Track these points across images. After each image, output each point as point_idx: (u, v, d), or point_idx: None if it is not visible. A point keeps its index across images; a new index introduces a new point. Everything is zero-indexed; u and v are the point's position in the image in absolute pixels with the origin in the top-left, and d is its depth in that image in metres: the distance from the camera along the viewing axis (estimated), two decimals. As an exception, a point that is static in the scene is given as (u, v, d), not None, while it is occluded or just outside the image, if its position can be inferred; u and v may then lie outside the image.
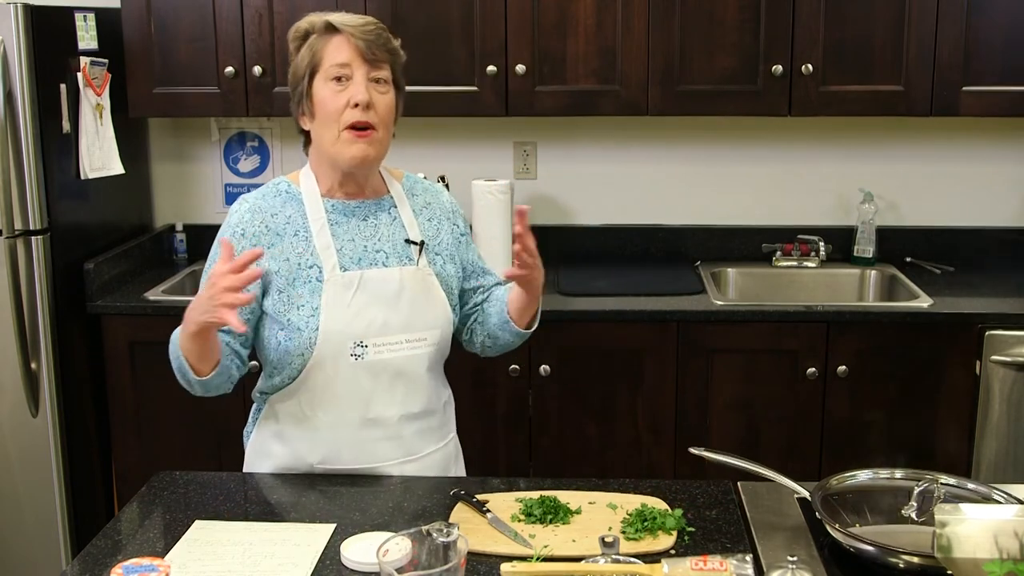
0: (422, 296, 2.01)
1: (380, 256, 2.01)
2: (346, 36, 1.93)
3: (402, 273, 2.00)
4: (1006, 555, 1.38)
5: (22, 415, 3.09)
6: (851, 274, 3.52)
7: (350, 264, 1.98)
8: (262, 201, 2.01)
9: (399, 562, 1.47)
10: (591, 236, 3.69)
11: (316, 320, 1.94)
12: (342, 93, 1.92)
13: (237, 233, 1.97)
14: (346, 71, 1.93)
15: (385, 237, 2.03)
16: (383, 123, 1.96)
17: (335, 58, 1.93)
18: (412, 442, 2.04)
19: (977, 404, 3.03)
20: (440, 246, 2.09)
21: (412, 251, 2.03)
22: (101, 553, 1.71)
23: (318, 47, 1.95)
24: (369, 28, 1.94)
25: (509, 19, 3.21)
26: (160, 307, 3.17)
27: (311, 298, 1.95)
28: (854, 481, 1.82)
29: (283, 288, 1.96)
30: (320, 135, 1.97)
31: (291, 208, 2.00)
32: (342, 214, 2.02)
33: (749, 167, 3.64)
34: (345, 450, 2.00)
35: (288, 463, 2.03)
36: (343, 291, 1.95)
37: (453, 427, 2.19)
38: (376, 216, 2.04)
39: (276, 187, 2.04)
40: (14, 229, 3.01)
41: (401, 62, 2.01)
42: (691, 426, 3.11)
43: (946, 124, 3.54)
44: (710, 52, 3.22)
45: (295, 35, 2.00)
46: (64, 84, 3.12)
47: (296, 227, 1.99)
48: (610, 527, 1.74)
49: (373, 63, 1.94)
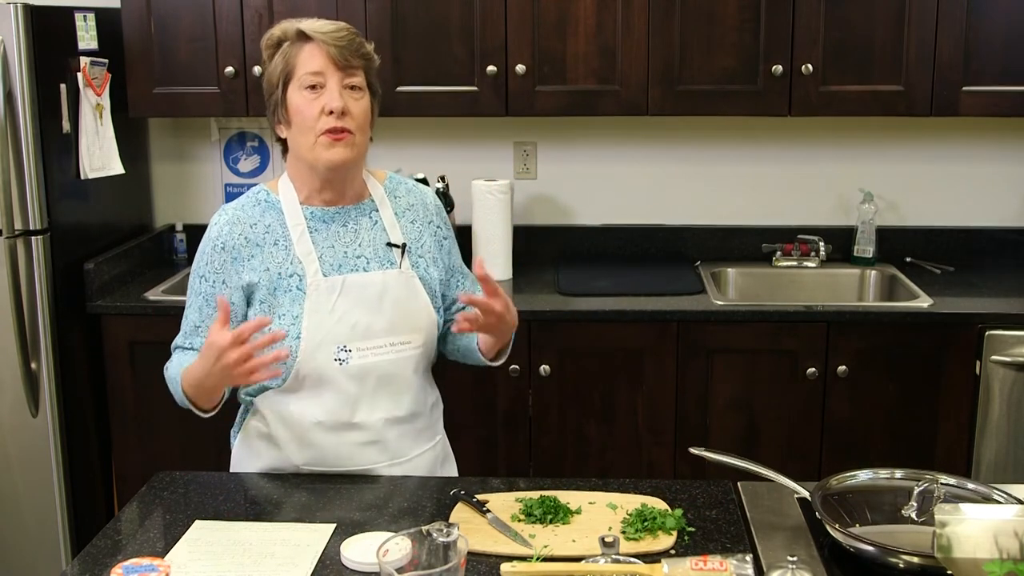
0: (405, 299, 2.01)
1: (361, 261, 2.00)
2: (318, 43, 1.92)
3: (384, 277, 2.00)
4: (1006, 555, 1.38)
5: (22, 415, 3.09)
6: (851, 274, 3.52)
7: (331, 271, 1.98)
8: (241, 212, 2.01)
9: (399, 562, 1.47)
10: (591, 236, 3.69)
11: (298, 328, 1.94)
12: (316, 101, 1.92)
13: (218, 246, 1.98)
14: (320, 79, 1.92)
15: (366, 242, 2.02)
16: (359, 128, 1.95)
17: (308, 66, 1.93)
18: (398, 445, 2.04)
19: (977, 404, 3.03)
20: (423, 248, 2.08)
21: (394, 254, 2.03)
22: (101, 553, 1.71)
23: (291, 55, 1.94)
24: (341, 35, 1.94)
25: (509, 19, 3.21)
26: (160, 307, 3.17)
27: (292, 307, 1.95)
28: (854, 481, 1.82)
29: (264, 298, 1.97)
30: (297, 142, 1.97)
31: (270, 217, 2.00)
32: (321, 221, 2.01)
33: (749, 167, 3.64)
34: (330, 453, 2.01)
35: (274, 464, 2.04)
36: (325, 297, 1.95)
37: (440, 429, 2.18)
38: (356, 221, 2.04)
39: (255, 196, 2.04)
40: (14, 229, 3.01)
41: (375, 67, 2.01)
42: (691, 426, 3.11)
43: (946, 124, 3.54)
44: (710, 52, 3.22)
45: (268, 43, 1.99)
46: (64, 84, 3.12)
47: (276, 236, 1.99)
48: (610, 527, 1.74)
49: (347, 70, 1.94)
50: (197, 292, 2.01)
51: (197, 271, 2.01)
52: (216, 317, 1.79)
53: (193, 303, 2.02)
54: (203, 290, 2.00)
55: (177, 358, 2.03)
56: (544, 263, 3.57)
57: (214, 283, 1.99)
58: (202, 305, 2.01)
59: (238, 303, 1.98)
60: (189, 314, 2.03)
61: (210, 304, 1.99)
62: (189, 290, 2.03)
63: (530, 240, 3.63)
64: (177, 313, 3.22)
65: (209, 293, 1.99)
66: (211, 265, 1.99)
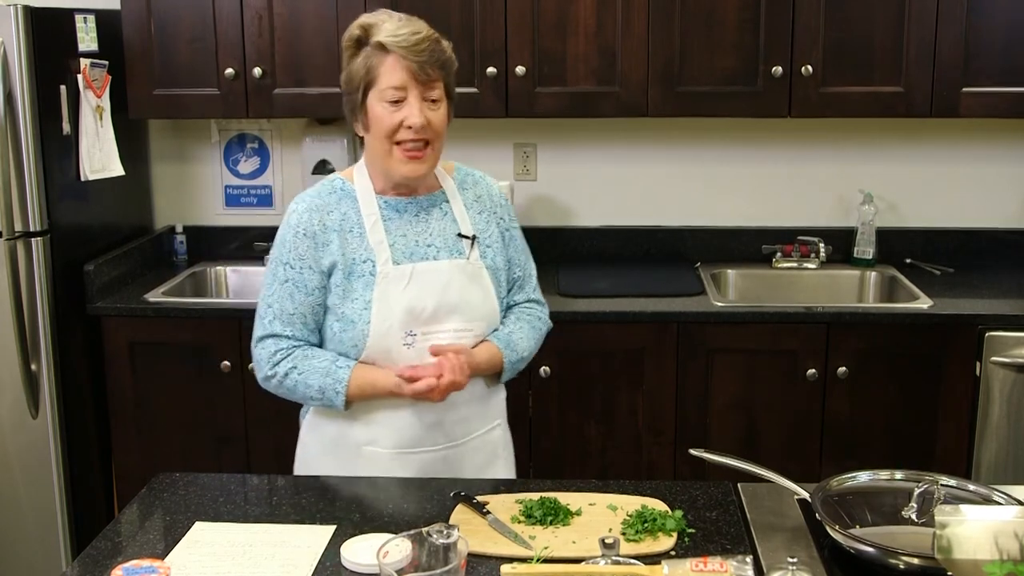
0: (471, 288, 2.07)
1: (431, 251, 2.07)
2: (398, 57, 1.96)
3: (452, 266, 2.06)
4: (1006, 556, 1.38)
5: (22, 416, 3.09)
6: (851, 275, 3.52)
7: (402, 259, 2.04)
8: (318, 199, 2.07)
9: (399, 564, 1.47)
10: (591, 237, 3.69)
11: (368, 313, 2.01)
12: (397, 113, 1.98)
13: (300, 233, 2.04)
14: (401, 94, 1.98)
15: (437, 232, 2.09)
16: (437, 136, 2.03)
17: (390, 80, 1.97)
18: (454, 428, 2.10)
19: (977, 405, 3.03)
20: (490, 239, 2.14)
21: (464, 245, 2.09)
22: (101, 555, 1.71)
23: (373, 64, 1.99)
24: (422, 48, 1.97)
25: (509, 20, 3.21)
26: (160, 308, 3.17)
27: (364, 292, 2.02)
28: (854, 482, 1.83)
29: (340, 282, 2.03)
30: (374, 146, 2.04)
31: (346, 205, 2.07)
32: (394, 210, 2.08)
33: (749, 168, 3.64)
34: (391, 434, 2.06)
35: (336, 441, 2.09)
36: (395, 284, 2.02)
37: (498, 415, 2.23)
38: (428, 212, 2.10)
39: (331, 185, 2.10)
40: (14, 230, 3.01)
41: (454, 71, 2.07)
42: (691, 427, 3.11)
43: (946, 125, 3.54)
44: (710, 53, 3.22)
45: (348, 42, 2.03)
46: (64, 86, 3.12)
47: (351, 224, 2.05)
48: (610, 528, 1.74)
49: (427, 83, 1.99)
50: (283, 280, 2.05)
51: (280, 259, 2.06)
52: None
53: (280, 291, 2.05)
54: (290, 277, 2.04)
55: (308, 363, 2.03)
56: (544, 264, 3.53)
57: (300, 269, 2.03)
58: (292, 292, 2.04)
59: (321, 286, 2.04)
60: (274, 303, 2.05)
61: (300, 290, 2.03)
62: (270, 278, 2.06)
63: (530, 241, 3.56)
64: (177, 315, 3.23)
65: (297, 280, 2.03)
66: (295, 252, 2.04)
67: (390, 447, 2.07)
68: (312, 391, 2.03)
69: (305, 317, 2.04)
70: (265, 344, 2.06)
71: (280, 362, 2.04)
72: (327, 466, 2.09)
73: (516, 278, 2.21)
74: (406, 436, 2.06)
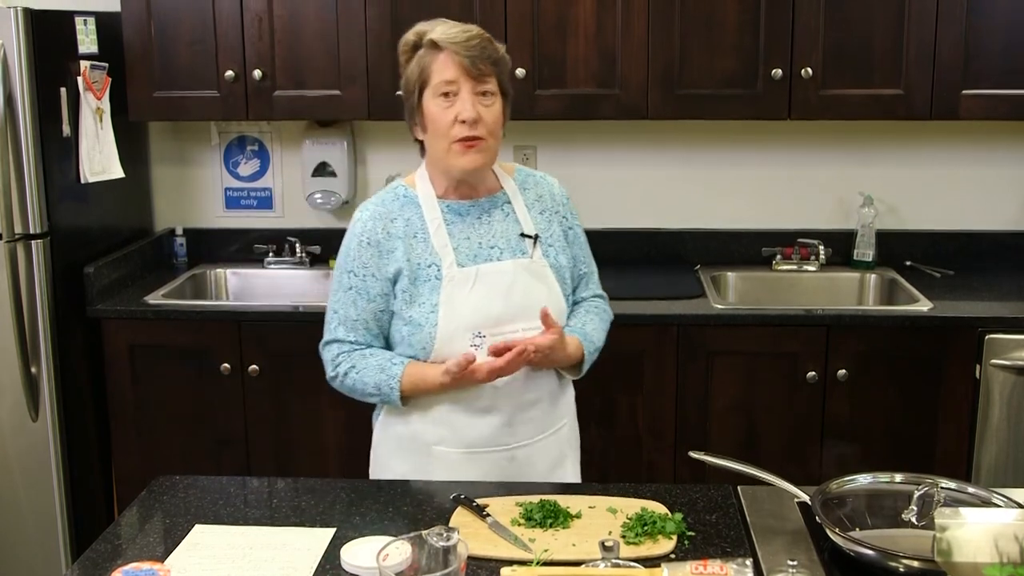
0: (536, 287, 2.09)
1: (495, 252, 2.09)
2: (450, 53, 1.99)
3: (516, 266, 2.08)
4: (1006, 559, 1.38)
5: (22, 419, 3.09)
6: (851, 278, 3.52)
7: (466, 261, 2.07)
8: (381, 207, 2.10)
9: (399, 566, 1.47)
10: (591, 240, 3.63)
11: (435, 316, 2.03)
12: (450, 109, 2.01)
13: (364, 242, 2.07)
14: (453, 87, 2.00)
15: (499, 233, 2.11)
16: (491, 133, 2.05)
17: (442, 75, 2.00)
18: (524, 428, 2.11)
19: (977, 408, 3.03)
20: (553, 238, 2.17)
21: (527, 244, 2.11)
22: (101, 557, 1.71)
23: (426, 63, 2.02)
24: (473, 43, 2.00)
25: (509, 22, 3.21)
26: (160, 311, 3.17)
27: (431, 295, 2.04)
28: (854, 485, 1.83)
29: (406, 288, 2.05)
30: (432, 146, 2.07)
31: (409, 211, 2.09)
32: (457, 214, 2.10)
33: (749, 171, 3.64)
34: (460, 434, 2.08)
35: (409, 442, 2.12)
36: (461, 286, 2.04)
37: (565, 414, 2.22)
38: (490, 214, 2.12)
39: (394, 191, 2.13)
40: (14, 233, 3.02)
41: (507, 69, 2.09)
42: (691, 430, 3.11)
43: (946, 128, 3.54)
44: (710, 55, 3.22)
45: (404, 48, 2.08)
46: (64, 88, 3.12)
47: (415, 229, 2.08)
48: (610, 531, 1.74)
49: (478, 78, 2.01)
50: (347, 287, 2.09)
51: (344, 267, 2.10)
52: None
53: (344, 298, 2.09)
54: (354, 284, 2.08)
55: (365, 362, 2.08)
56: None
57: (364, 277, 2.07)
58: (355, 299, 2.08)
59: (384, 293, 2.07)
60: (339, 308, 2.10)
61: (363, 297, 2.07)
62: (336, 284, 2.11)
63: (530, 244, 3.61)
64: (177, 317, 3.23)
65: (360, 287, 2.07)
66: (358, 260, 2.07)
67: (460, 447, 2.09)
68: (369, 387, 2.07)
69: (368, 323, 2.08)
70: (330, 348, 2.12)
71: (341, 363, 2.10)
72: (399, 466, 2.12)
73: (581, 275, 2.24)
74: (475, 435, 2.08)
